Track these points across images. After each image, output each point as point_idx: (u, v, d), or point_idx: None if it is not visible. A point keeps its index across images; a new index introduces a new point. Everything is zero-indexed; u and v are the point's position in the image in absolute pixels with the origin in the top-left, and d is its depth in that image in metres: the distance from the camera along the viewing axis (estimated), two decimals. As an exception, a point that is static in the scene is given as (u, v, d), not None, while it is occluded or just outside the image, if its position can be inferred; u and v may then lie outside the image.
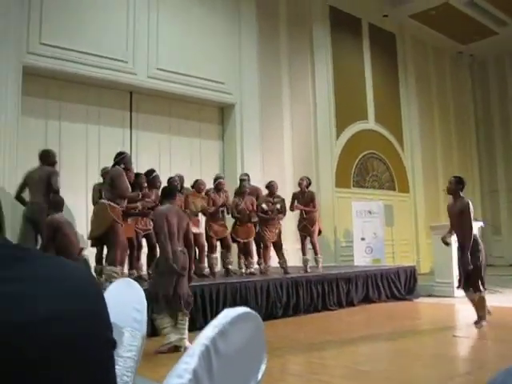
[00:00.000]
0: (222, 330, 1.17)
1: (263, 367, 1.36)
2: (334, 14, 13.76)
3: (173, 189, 6.44)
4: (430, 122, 16.59)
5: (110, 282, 4.29)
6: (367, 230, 12.14)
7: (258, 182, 9.73)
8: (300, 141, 12.44)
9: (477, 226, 10.49)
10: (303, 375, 4.89)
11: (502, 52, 17.52)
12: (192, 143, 10.97)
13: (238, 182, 9.12)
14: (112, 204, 6.74)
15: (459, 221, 6.50)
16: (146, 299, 1.87)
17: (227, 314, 1.20)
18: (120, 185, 6.83)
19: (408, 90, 15.91)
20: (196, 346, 1.13)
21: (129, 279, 2.00)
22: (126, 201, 6.98)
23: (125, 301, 1.89)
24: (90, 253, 7.37)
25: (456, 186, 6.63)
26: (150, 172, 8.10)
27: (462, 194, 6.63)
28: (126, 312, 1.84)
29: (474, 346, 5.89)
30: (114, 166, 7.17)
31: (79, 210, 8.36)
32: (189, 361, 1.10)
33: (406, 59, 16.03)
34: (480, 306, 6.53)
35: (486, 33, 16.66)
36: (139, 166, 8.53)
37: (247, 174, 9.35)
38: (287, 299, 8.05)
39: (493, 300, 8.69)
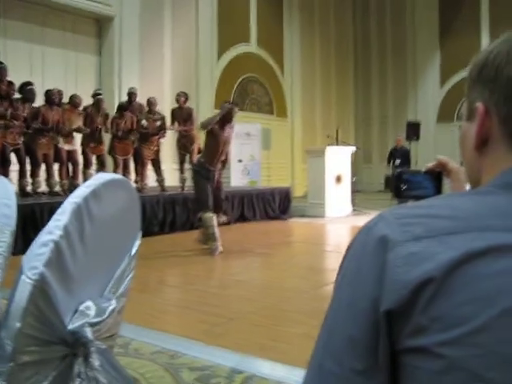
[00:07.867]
0: (95, 191, 1.13)
1: (137, 243, 1.38)
2: None
3: None
4: (310, 48, 16.78)
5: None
6: (245, 152, 12.32)
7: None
8: (180, 60, 12.19)
9: (349, 151, 11.07)
10: (181, 286, 5.05)
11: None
12: (67, 56, 10.41)
13: (126, 96, 9.05)
14: None
15: None
16: None
17: (101, 177, 1.17)
18: None
19: (291, 14, 15.90)
20: (67, 204, 1.09)
21: (-2, 175, 1.93)
22: None
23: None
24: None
25: None
26: (26, 84, 7.64)
27: None
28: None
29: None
30: None
31: None
32: (60, 218, 1.06)
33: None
34: None
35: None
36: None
37: (135, 88, 9.16)
38: (163, 216, 8.12)
39: (361, 220, 9.32)
